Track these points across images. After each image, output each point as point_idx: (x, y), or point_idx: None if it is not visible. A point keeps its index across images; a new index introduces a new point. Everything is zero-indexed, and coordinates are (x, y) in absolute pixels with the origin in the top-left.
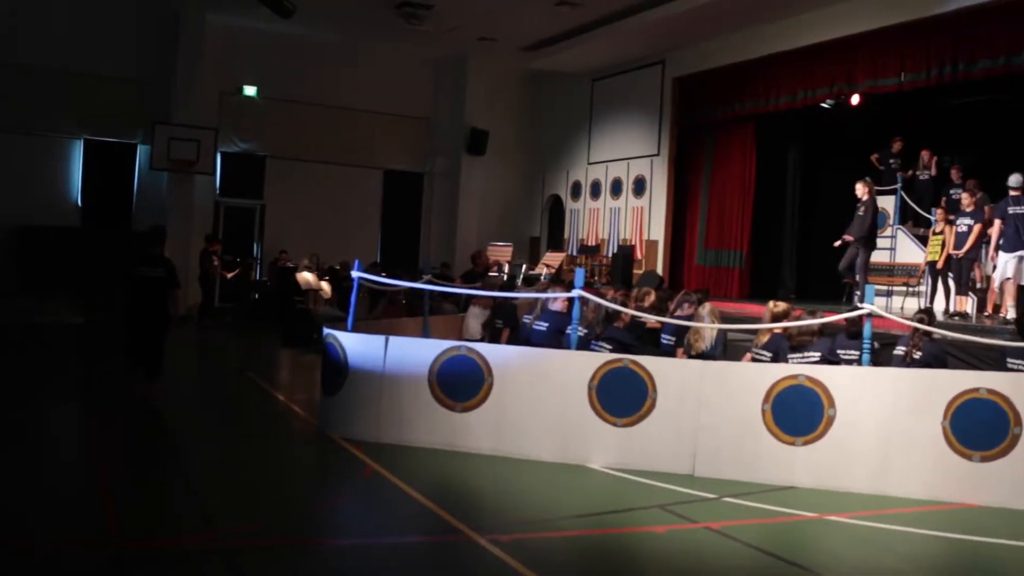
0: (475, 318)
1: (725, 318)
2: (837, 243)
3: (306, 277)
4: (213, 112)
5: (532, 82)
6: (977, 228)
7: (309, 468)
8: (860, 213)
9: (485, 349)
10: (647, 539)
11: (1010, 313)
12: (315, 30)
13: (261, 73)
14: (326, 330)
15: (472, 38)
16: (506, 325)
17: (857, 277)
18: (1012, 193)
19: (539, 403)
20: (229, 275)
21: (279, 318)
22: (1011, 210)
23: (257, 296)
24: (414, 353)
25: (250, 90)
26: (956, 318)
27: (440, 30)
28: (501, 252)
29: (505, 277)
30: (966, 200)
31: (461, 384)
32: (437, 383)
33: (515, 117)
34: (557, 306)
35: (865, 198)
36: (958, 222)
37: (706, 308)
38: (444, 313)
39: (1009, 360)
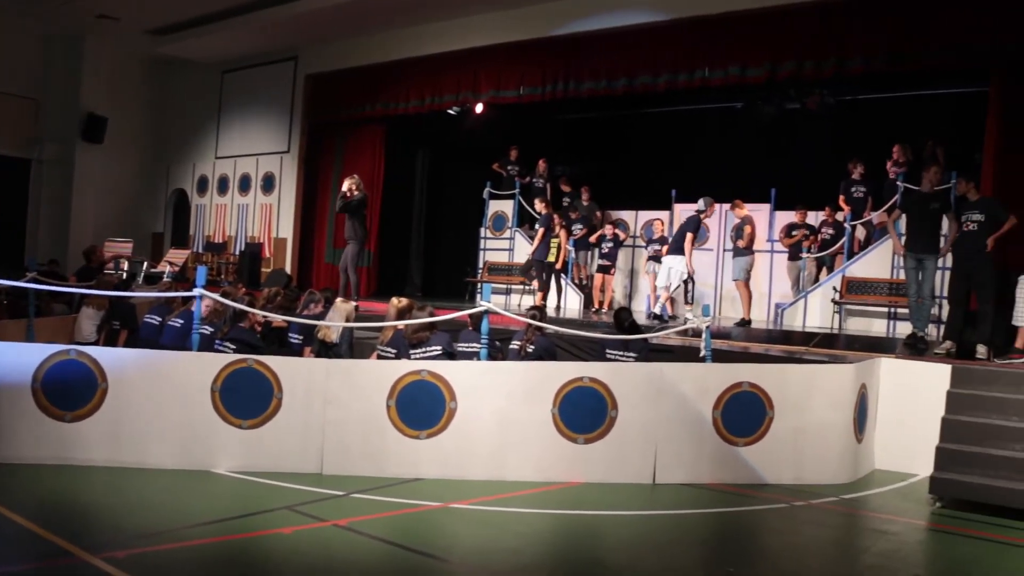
0: (88, 319)
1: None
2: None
3: None
4: None
5: (158, 68)
6: (540, 232)
7: None
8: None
9: (98, 352)
10: (275, 541)
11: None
12: None
13: None
14: None
15: (91, 14)
16: (124, 326)
17: (350, 273)
18: None
19: (159, 408)
20: None
21: None
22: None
23: None
24: (15, 359)
25: None
26: (532, 311)
27: (55, 2)
28: (120, 248)
29: (124, 275)
30: (539, 206)
31: (71, 391)
32: (42, 391)
33: (138, 104)
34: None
35: (354, 193)
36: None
37: (350, 304)
38: (54, 314)
39: (608, 351)
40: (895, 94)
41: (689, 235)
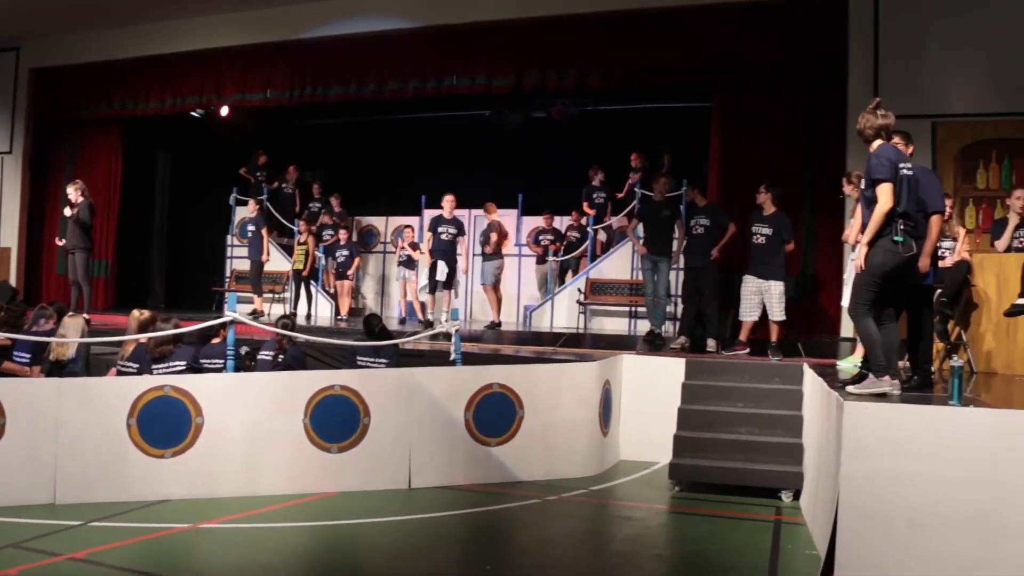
0: None
1: (90, 331)
2: (60, 242)
3: None
4: None
5: None
6: (264, 232)
7: None
8: (71, 216)
9: None
10: None
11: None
12: None
13: None
14: None
15: None
16: None
17: (83, 285)
18: None
19: None
20: None
21: None
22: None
23: None
24: None
25: None
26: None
27: None
28: None
29: None
30: (251, 207)
31: None
32: None
33: None
34: None
35: (79, 200)
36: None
37: (80, 318)
38: None
39: (359, 358)
40: (633, 106)
41: (427, 234)
